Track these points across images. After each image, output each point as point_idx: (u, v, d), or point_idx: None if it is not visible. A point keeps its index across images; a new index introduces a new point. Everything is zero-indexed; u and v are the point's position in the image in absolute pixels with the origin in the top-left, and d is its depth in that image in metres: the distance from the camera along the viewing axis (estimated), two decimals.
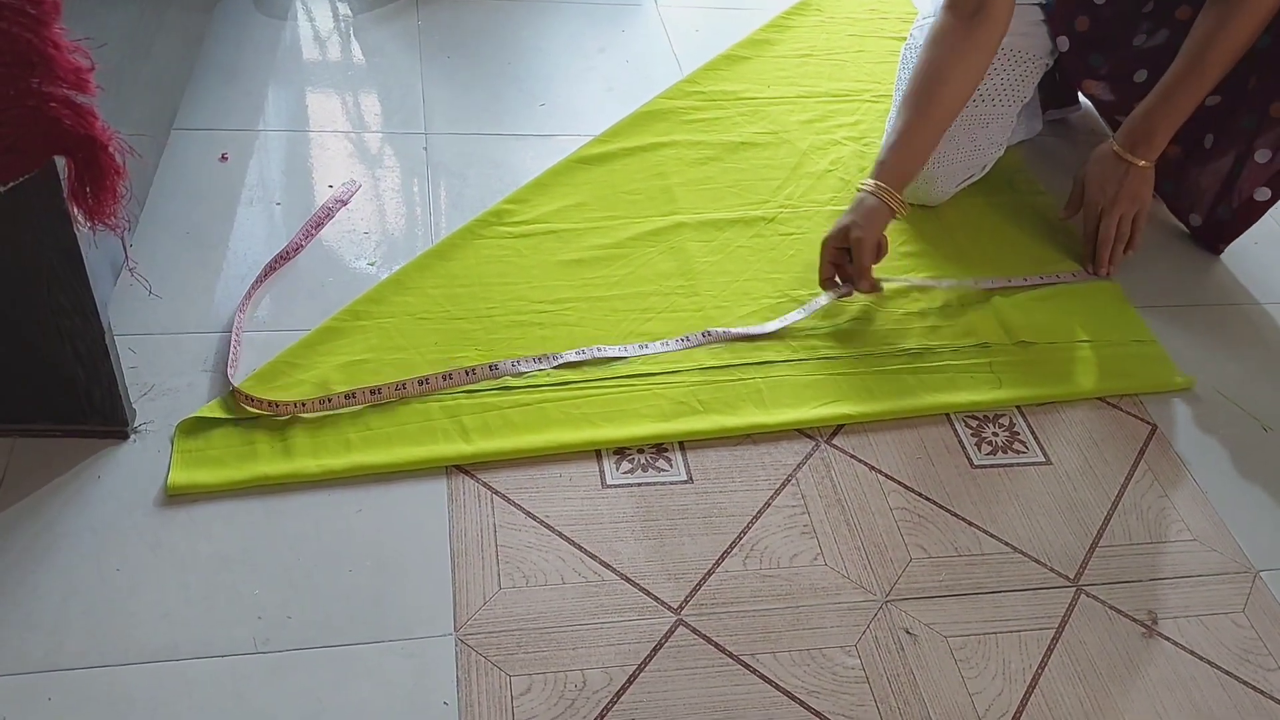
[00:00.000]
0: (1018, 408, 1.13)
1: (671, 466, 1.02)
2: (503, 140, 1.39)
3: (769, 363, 1.12)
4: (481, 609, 0.89)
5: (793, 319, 1.16)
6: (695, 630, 0.90)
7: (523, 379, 1.06)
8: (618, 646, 0.88)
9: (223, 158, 1.28)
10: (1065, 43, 1.32)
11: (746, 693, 0.86)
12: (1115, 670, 0.92)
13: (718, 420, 1.05)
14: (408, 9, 1.59)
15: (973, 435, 1.10)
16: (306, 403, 0.99)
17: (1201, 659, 0.94)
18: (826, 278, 1.18)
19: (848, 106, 1.51)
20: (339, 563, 0.90)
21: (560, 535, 0.95)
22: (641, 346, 1.11)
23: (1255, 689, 0.92)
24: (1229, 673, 0.93)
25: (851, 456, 1.06)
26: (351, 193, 1.22)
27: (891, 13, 1.74)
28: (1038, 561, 0.99)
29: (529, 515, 0.96)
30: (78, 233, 0.79)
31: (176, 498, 0.92)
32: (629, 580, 0.92)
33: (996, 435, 1.10)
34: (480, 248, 1.21)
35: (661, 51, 1.59)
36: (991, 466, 1.07)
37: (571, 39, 1.60)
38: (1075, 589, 0.97)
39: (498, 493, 0.97)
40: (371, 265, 1.17)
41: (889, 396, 1.10)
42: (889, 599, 0.94)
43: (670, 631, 0.89)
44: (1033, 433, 1.11)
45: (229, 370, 1.01)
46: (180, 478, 0.93)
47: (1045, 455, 1.09)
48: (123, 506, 0.91)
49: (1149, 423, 1.14)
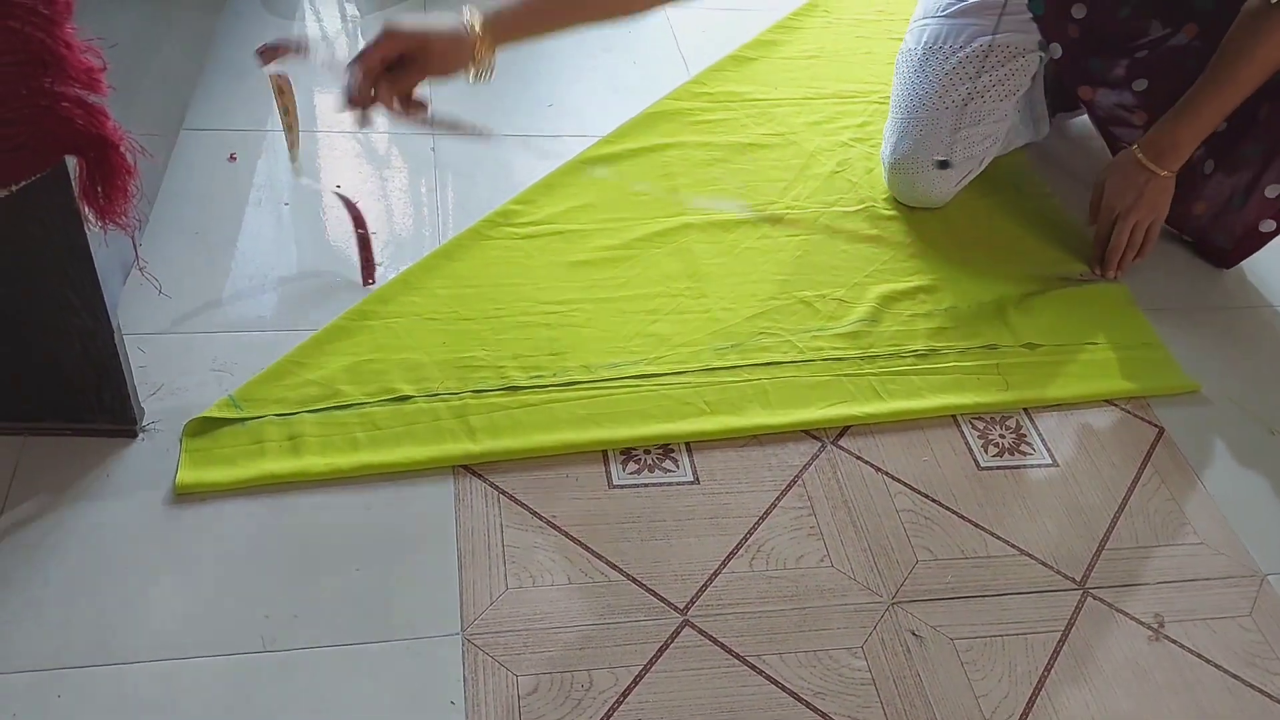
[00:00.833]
0: (1024, 410, 1.13)
1: (678, 467, 1.02)
2: (510, 140, 1.39)
3: (775, 363, 1.12)
4: (488, 609, 0.89)
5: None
6: (701, 631, 0.90)
7: (529, 378, 1.06)
8: (624, 647, 0.88)
9: (231, 158, 1.28)
10: (1058, 50, 1.30)
11: (753, 694, 0.86)
12: (1121, 673, 0.92)
13: (724, 421, 1.05)
14: (415, 9, 1.59)
15: (979, 437, 1.09)
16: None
17: (1208, 662, 0.93)
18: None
19: (855, 108, 1.51)
20: (346, 562, 0.90)
21: (567, 536, 0.95)
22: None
23: (1262, 692, 0.92)
24: (1236, 676, 0.93)
25: (858, 458, 1.06)
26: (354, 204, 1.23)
27: (899, 14, 1.74)
28: (1044, 564, 0.99)
29: (535, 515, 0.96)
30: (88, 232, 0.79)
31: (185, 496, 0.93)
32: (635, 581, 0.93)
33: (1003, 437, 1.10)
34: (487, 248, 1.21)
35: (668, 53, 1.60)
36: (998, 469, 1.07)
37: (578, 40, 1.60)
38: (1082, 592, 0.97)
39: (505, 493, 0.98)
40: (379, 265, 1.18)
41: (895, 398, 1.10)
42: (895, 601, 0.94)
43: (676, 632, 0.89)
44: (1039, 435, 1.11)
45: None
46: (188, 476, 0.93)
47: (1052, 458, 1.09)
48: (131, 505, 0.92)
49: (1156, 426, 1.14)
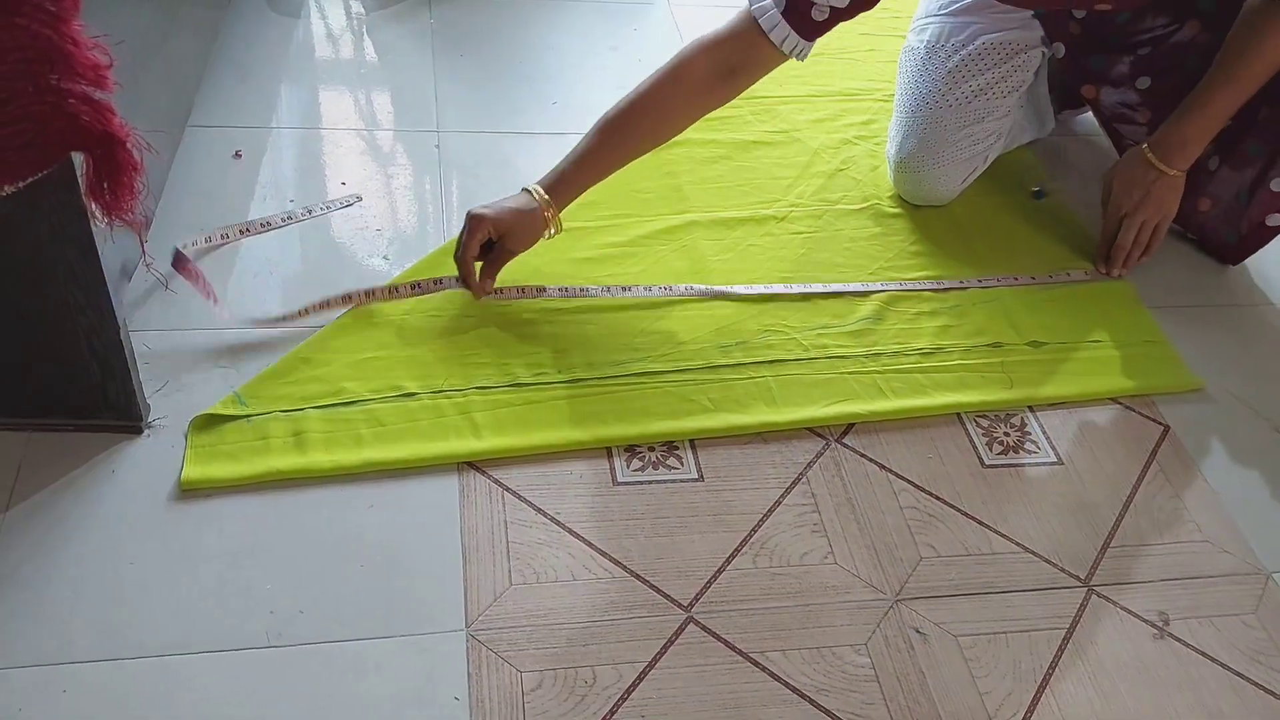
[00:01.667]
0: (1029, 408, 1.13)
1: (682, 465, 1.02)
2: (515, 138, 1.39)
3: (780, 361, 1.12)
4: (492, 605, 0.89)
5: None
6: (705, 628, 0.90)
7: (533, 375, 1.06)
8: (628, 643, 0.88)
9: (236, 155, 1.28)
10: (1061, 49, 1.30)
11: (756, 690, 0.86)
12: (1126, 671, 0.91)
13: (728, 418, 1.05)
14: (420, 7, 1.60)
15: (984, 435, 1.09)
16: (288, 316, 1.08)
17: (1213, 660, 0.93)
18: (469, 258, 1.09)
19: (859, 105, 1.51)
20: (351, 558, 0.91)
21: (571, 532, 0.95)
22: (624, 289, 1.16)
23: (1266, 691, 0.92)
24: (1240, 674, 0.93)
25: (862, 455, 1.06)
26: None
27: (904, 12, 1.72)
28: (1048, 561, 0.99)
29: (540, 512, 0.96)
30: (94, 229, 0.79)
31: (190, 492, 0.93)
32: (639, 578, 0.93)
33: (1008, 435, 1.10)
34: None
35: (673, 49, 1.58)
36: (1003, 466, 1.07)
37: (584, 37, 1.60)
38: (1086, 589, 0.97)
39: (509, 489, 0.98)
40: (385, 261, 1.18)
41: (900, 395, 1.10)
42: (899, 598, 0.94)
43: (680, 629, 0.90)
44: (1044, 433, 1.11)
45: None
46: (194, 473, 0.94)
47: (1057, 455, 1.09)
48: (136, 501, 0.92)
49: (1161, 424, 1.14)
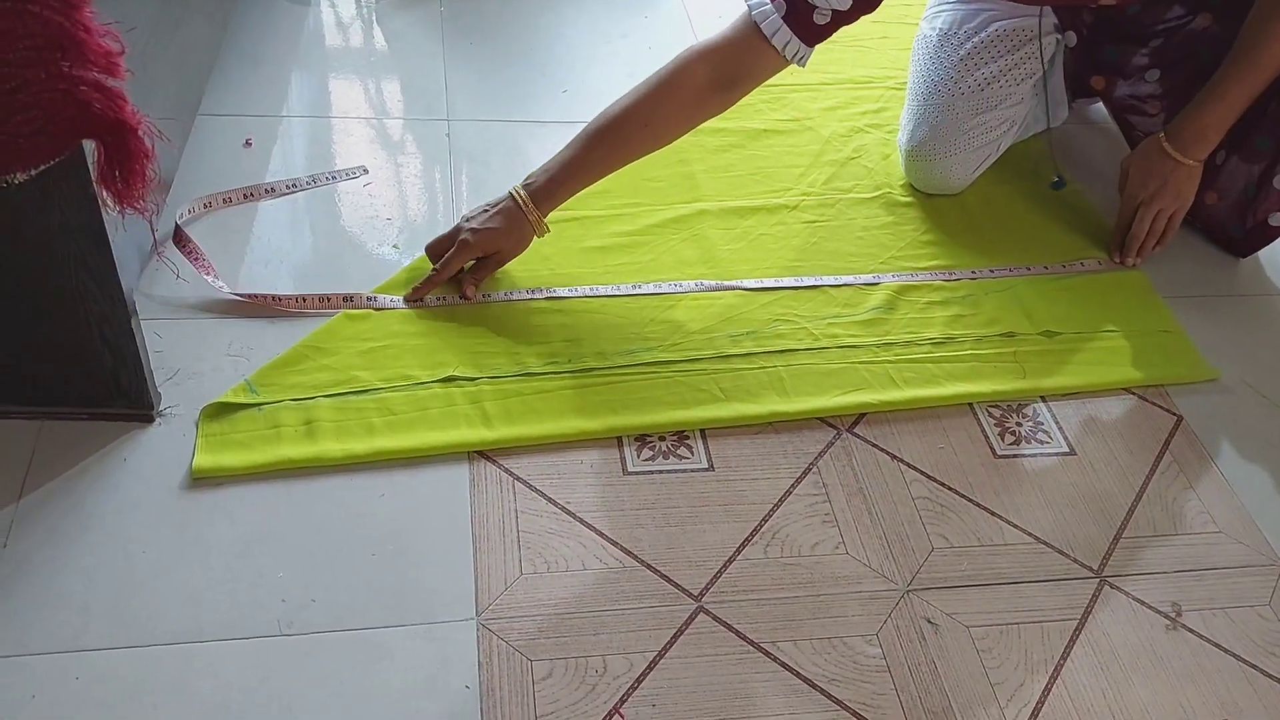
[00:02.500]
0: (1042, 398, 1.12)
1: (693, 454, 1.02)
2: (525, 127, 1.38)
3: (791, 350, 1.11)
4: (503, 594, 0.89)
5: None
6: (716, 617, 0.90)
7: (544, 365, 1.06)
8: (639, 633, 0.88)
9: (247, 143, 1.28)
10: (1073, 38, 1.29)
11: (767, 680, 0.86)
12: (1139, 662, 0.91)
13: (739, 408, 1.05)
14: None
15: (996, 425, 1.09)
16: (282, 299, 1.08)
17: (1226, 651, 0.93)
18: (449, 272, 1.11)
19: (871, 93, 1.50)
20: (362, 547, 0.91)
21: (582, 522, 0.95)
22: (635, 286, 1.15)
23: None
24: (1254, 666, 0.92)
25: (873, 445, 1.05)
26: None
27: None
28: (1061, 552, 0.98)
29: (550, 501, 0.96)
30: (105, 217, 0.79)
31: (201, 481, 0.93)
32: (650, 567, 0.93)
33: (1020, 425, 1.09)
34: None
35: (684, 38, 1.58)
36: (1015, 456, 1.06)
37: (594, 25, 1.59)
38: (1099, 580, 0.97)
39: (519, 479, 0.98)
40: (395, 249, 1.18)
41: (912, 385, 1.10)
42: (910, 588, 0.94)
43: (691, 618, 0.89)
44: (1057, 423, 1.10)
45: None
46: (205, 461, 0.94)
47: (1069, 445, 1.08)
48: (148, 489, 0.92)
49: (1175, 414, 1.13)
